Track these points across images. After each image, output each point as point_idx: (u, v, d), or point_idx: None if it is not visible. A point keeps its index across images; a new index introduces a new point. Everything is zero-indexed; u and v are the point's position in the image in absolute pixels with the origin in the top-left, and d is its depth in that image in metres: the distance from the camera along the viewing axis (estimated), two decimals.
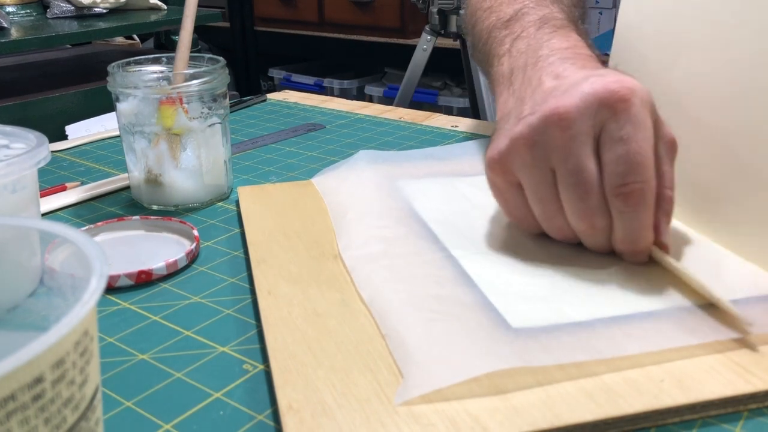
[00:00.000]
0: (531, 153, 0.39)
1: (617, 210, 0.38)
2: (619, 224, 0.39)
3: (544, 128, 0.38)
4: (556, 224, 0.41)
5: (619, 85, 0.37)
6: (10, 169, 0.36)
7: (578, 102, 0.37)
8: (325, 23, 2.32)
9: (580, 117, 0.37)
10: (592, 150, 0.38)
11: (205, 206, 0.56)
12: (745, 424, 0.31)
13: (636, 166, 0.37)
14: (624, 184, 0.37)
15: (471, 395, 0.31)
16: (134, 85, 0.52)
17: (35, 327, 0.26)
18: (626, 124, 0.37)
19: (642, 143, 0.37)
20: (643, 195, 0.37)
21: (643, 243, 0.39)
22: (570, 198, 0.39)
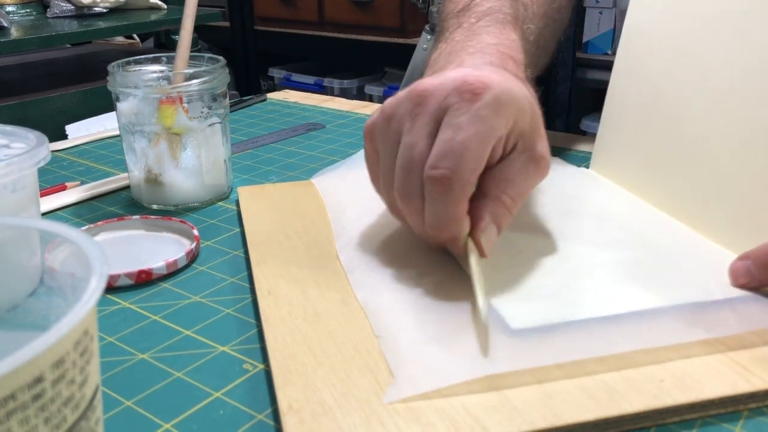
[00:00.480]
0: (389, 122, 0.40)
1: (427, 192, 0.38)
2: (427, 207, 0.38)
3: (403, 102, 0.39)
4: (390, 199, 0.41)
5: (476, 79, 0.37)
6: (10, 168, 0.36)
7: (437, 84, 0.38)
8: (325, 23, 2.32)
9: (432, 97, 0.38)
10: (431, 131, 0.38)
11: (205, 206, 0.56)
12: (745, 423, 0.31)
13: (452, 153, 0.37)
14: (435, 167, 0.37)
15: (470, 393, 0.31)
16: (134, 84, 0.52)
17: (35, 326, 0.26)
18: (464, 114, 0.37)
19: (471, 136, 0.37)
20: (450, 183, 0.37)
21: (447, 232, 0.39)
22: (398, 172, 0.39)
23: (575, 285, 0.39)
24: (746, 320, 0.35)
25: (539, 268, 0.41)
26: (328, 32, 2.32)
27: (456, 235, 0.39)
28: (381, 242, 0.44)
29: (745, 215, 0.42)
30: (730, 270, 0.39)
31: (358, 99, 0.96)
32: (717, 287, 0.38)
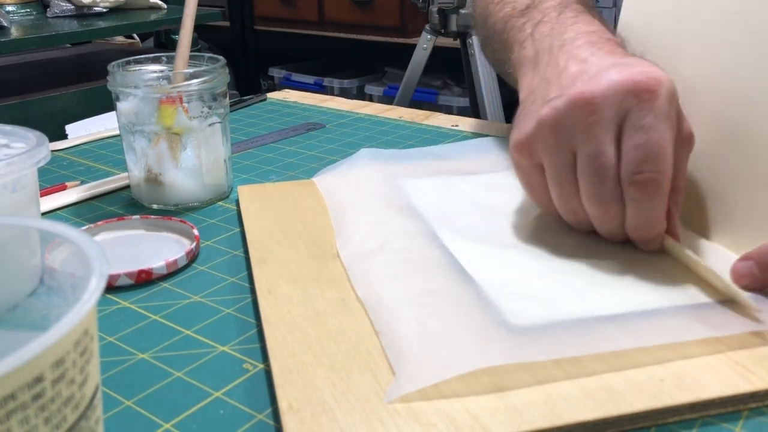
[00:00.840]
0: (555, 135, 0.40)
1: (631, 197, 0.39)
2: (632, 212, 0.39)
3: (570, 111, 0.39)
4: (571, 207, 0.42)
5: (646, 76, 0.38)
6: (10, 168, 0.36)
7: (605, 88, 0.38)
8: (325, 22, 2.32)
9: (605, 103, 0.38)
10: (614, 137, 0.38)
11: (205, 205, 0.56)
12: (746, 423, 0.31)
13: (653, 155, 0.37)
14: (639, 172, 0.38)
15: (470, 393, 0.31)
16: (134, 84, 0.52)
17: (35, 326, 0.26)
18: (649, 113, 0.37)
19: (662, 134, 0.37)
20: (658, 185, 0.38)
21: (655, 231, 0.40)
22: (586, 182, 0.40)
23: (576, 284, 0.39)
24: (746, 321, 0.35)
25: (540, 267, 0.41)
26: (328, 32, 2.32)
27: (661, 230, 0.40)
28: (381, 240, 0.44)
29: (745, 215, 0.42)
30: (732, 271, 0.38)
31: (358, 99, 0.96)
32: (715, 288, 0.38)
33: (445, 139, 0.71)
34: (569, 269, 0.41)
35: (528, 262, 0.42)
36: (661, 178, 0.38)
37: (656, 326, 0.35)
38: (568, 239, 0.44)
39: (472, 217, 0.48)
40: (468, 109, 1.76)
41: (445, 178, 0.55)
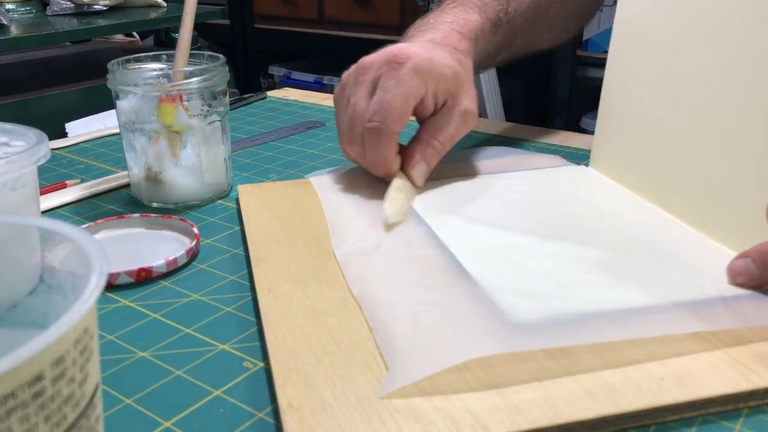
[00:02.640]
0: (342, 89, 0.53)
1: (366, 141, 0.50)
2: (366, 151, 0.51)
3: (352, 71, 0.52)
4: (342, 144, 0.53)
5: (401, 51, 0.49)
6: (10, 166, 0.36)
7: (374, 57, 0.50)
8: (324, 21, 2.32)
9: (370, 67, 0.50)
10: (369, 93, 0.50)
11: (205, 204, 0.56)
12: (745, 421, 0.31)
13: (381, 110, 0.48)
14: (370, 121, 0.49)
15: (468, 389, 0.31)
16: (134, 82, 0.52)
17: (35, 325, 0.26)
18: (391, 79, 0.48)
19: (396, 96, 0.48)
20: (380, 132, 0.49)
21: (382, 170, 0.51)
22: (345, 126, 0.52)
23: (570, 281, 0.39)
24: (741, 317, 0.35)
25: (537, 264, 0.41)
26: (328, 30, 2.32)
27: (389, 171, 0.51)
28: (377, 240, 0.44)
29: (743, 211, 0.42)
30: (729, 268, 0.39)
31: None
32: (712, 285, 0.38)
33: None
34: (564, 267, 0.41)
35: (523, 260, 0.42)
36: (382, 128, 0.48)
37: (649, 321, 0.35)
38: (563, 238, 0.44)
39: (468, 215, 0.48)
40: None
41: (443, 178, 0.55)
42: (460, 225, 0.46)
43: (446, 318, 0.35)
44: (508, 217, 0.48)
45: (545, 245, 0.44)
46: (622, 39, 0.54)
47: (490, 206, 0.50)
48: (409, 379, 0.31)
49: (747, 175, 0.42)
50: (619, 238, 0.44)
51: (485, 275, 0.40)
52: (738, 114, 0.43)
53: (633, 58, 0.52)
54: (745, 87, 0.42)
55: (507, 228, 0.46)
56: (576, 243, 0.43)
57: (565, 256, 0.42)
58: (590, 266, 0.41)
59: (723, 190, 0.44)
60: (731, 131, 0.43)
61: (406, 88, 0.48)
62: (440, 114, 0.51)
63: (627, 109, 0.53)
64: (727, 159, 0.43)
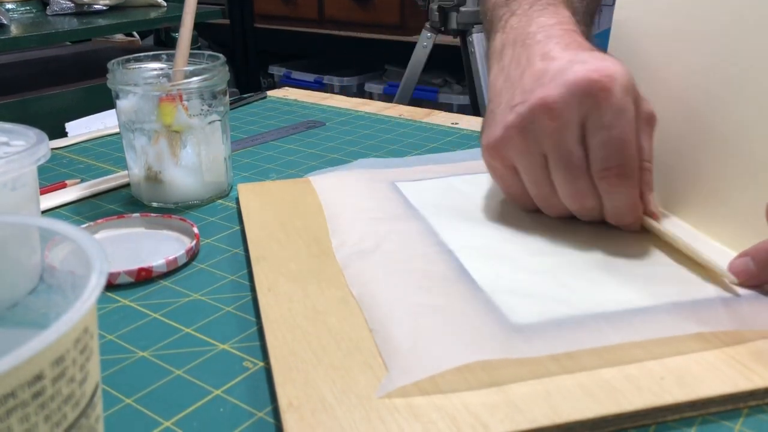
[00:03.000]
0: (523, 140, 0.42)
1: (604, 190, 0.42)
2: (608, 202, 0.43)
3: (534, 118, 0.41)
4: (551, 203, 0.45)
5: (599, 74, 0.40)
6: (10, 166, 0.36)
7: (563, 92, 0.40)
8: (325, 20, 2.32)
9: (566, 107, 0.40)
10: (579, 136, 0.41)
11: (205, 203, 0.56)
12: (745, 421, 0.31)
13: (617, 150, 0.40)
14: (607, 168, 0.41)
15: (469, 389, 0.31)
16: (134, 82, 0.52)
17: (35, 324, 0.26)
18: (607, 111, 0.40)
19: (623, 128, 0.40)
20: (625, 175, 0.41)
21: (632, 216, 0.44)
22: (561, 181, 0.43)
23: (570, 282, 0.39)
24: (740, 318, 0.35)
25: (535, 265, 0.41)
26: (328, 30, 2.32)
27: (639, 214, 0.44)
28: (377, 241, 0.44)
29: (742, 210, 0.42)
30: (729, 268, 0.39)
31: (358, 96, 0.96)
32: (712, 285, 0.38)
33: (445, 137, 0.71)
34: (564, 267, 0.41)
35: (523, 260, 0.42)
36: (626, 170, 0.41)
37: (649, 322, 0.35)
38: (563, 237, 0.44)
39: (468, 215, 0.48)
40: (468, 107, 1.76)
41: (443, 179, 0.55)
42: (459, 224, 0.46)
43: (446, 320, 0.35)
44: (508, 216, 0.48)
45: (545, 245, 0.44)
46: (619, 40, 0.54)
47: (489, 205, 0.50)
48: (408, 379, 0.31)
49: (746, 174, 0.42)
50: (619, 238, 0.44)
51: (485, 275, 0.40)
52: (736, 113, 0.43)
53: (630, 59, 0.52)
54: (743, 87, 0.42)
55: (507, 227, 0.46)
56: (576, 243, 0.43)
57: (565, 256, 0.42)
58: (590, 266, 0.41)
59: (722, 189, 0.44)
60: (730, 131, 0.43)
61: (629, 115, 0.40)
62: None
63: None
64: (726, 158, 0.43)
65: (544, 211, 0.46)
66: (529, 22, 0.47)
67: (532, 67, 0.43)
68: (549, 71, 0.42)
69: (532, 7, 0.49)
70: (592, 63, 0.40)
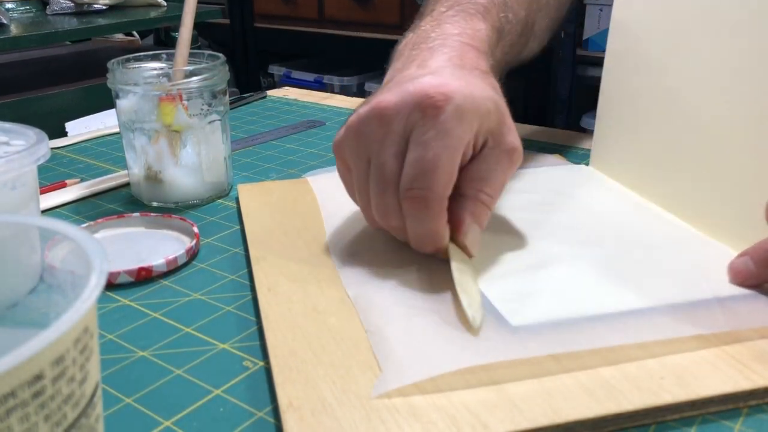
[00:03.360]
0: (356, 142, 0.40)
1: (405, 212, 0.39)
2: (408, 225, 0.40)
3: (368, 120, 0.39)
4: (368, 215, 0.42)
5: (437, 90, 0.37)
6: (10, 166, 0.36)
7: (397, 100, 0.38)
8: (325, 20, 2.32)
9: (396, 115, 0.38)
10: (400, 150, 0.38)
11: (205, 203, 0.56)
12: (745, 420, 0.31)
13: (425, 172, 0.37)
14: (410, 189, 0.38)
15: (469, 389, 0.31)
16: (134, 81, 0.52)
17: (35, 324, 0.26)
18: (430, 129, 0.37)
19: (438, 151, 0.37)
20: (426, 202, 0.38)
21: (430, 246, 0.40)
22: (372, 193, 0.40)
23: (566, 284, 0.39)
24: (736, 319, 0.35)
25: (532, 265, 0.41)
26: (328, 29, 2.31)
27: (439, 246, 0.40)
28: (371, 240, 0.44)
29: (742, 209, 0.42)
30: (729, 268, 0.39)
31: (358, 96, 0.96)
32: (708, 285, 0.38)
33: None
34: (561, 269, 0.41)
35: (519, 260, 0.42)
36: (428, 195, 0.37)
37: (645, 324, 0.35)
38: (561, 239, 0.44)
39: None
40: None
41: None
42: None
43: (440, 322, 0.35)
44: (505, 217, 0.48)
45: (542, 246, 0.44)
46: (618, 38, 0.54)
47: None
48: (402, 381, 0.31)
49: (745, 172, 0.42)
50: (617, 239, 0.44)
51: (481, 276, 0.40)
52: (736, 112, 0.43)
53: (630, 57, 0.52)
54: (742, 84, 0.42)
55: (504, 228, 0.46)
56: (574, 244, 0.43)
57: (562, 257, 0.42)
58: (587, 268, 0.41)
59: (722, 188, 0.44)
60: (729, 129, 0.43)
61: (452, 141, 0.37)
62: (482, 159, 0.40)
63: (626, 109, 0.53)
64: (725, 157, 0.43)
65: (366, 219, 0.43)
66: (434, 27, 0.46)
67: (407, 71, 0.41)
68: (404, 77, 0.40)
69: (446, 12, 0.47)
70: (441, 79, 0.38)
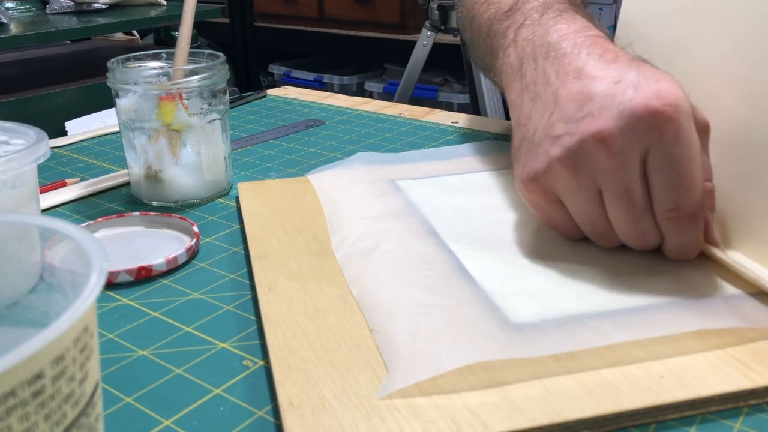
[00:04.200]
0: (574, 176, 0.38)
1: (668, 231, 0.39)
2: (672, 240, 0.39)
3: (587, 152, 0.37)
4: (607, 238, 0.41)
5: (661, 103, 0.35)
6: (10, 165, 0.36)
7: (621, 125, 0.36)
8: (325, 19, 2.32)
9: (626, 142, 0.36)
10: (640, 172, 0.37)
11: (204, 202, 0.56)
12: (745, 420, 0.31)
13: (686, 190, 0.36)
14: (675, 209, 0.37)
15: (469, 388, 0.31)
16: (134, 81, 0.52)
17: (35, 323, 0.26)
18: (674, 146, 0.36)
19: (690, 163, 0.36)
20: (692, 217, 0.37)
21: (695, 252, 0.40)
22: (620, 219, 0.39)
23: (571, 281, 0.39)
24: (742, 316, 0.35)
25: (536, 263, 0.41)
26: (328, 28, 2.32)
27: (702, 248, 0.40)
28: (377, 240, 0.44)
29: (746, 211, 0.42)
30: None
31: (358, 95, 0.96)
32: (713, 285, 0.38)
33: (445, 135, 0.71)
34: (564, 267, 0.41)
35: (523, 260, 0.42)
36: (694, 210, 0.37)
37: (649, 321, 0.35)
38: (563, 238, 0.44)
39: (468, 215, 0.48)
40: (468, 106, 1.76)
41: (442, 177, 0.55)
42: (459, 224, 0.46)
43: (446, 321, 0.35)
44: (508, 215, 0.48)
45: (545, 245, 0.43)
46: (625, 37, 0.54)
47: (490, 205, 0.50)
48: (409, 381, 0.31)
49: (751, 174, 0.42)
50: None
51: (485, 275, 0.40)
52: (743, 111, 0.43)
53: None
54: (750, 84, 0.42)
55: (507, 227, 0.46)
56: (576, 243, 0.43)
57: (564, 257, 0.42)
58: (590, 266, 0.41)
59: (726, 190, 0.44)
60: (735, 131, 0.43)
61: (695, 147, 0.36)
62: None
63: None
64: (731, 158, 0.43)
65: (598, 243, 0.42)
66: (546, 31, 0.43)
67: (567, 86, 0.38)
68: (594, 96, 0.37)
69: (544, 15, 0.44)
70: (646, 86, 0.36)
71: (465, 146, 0.63)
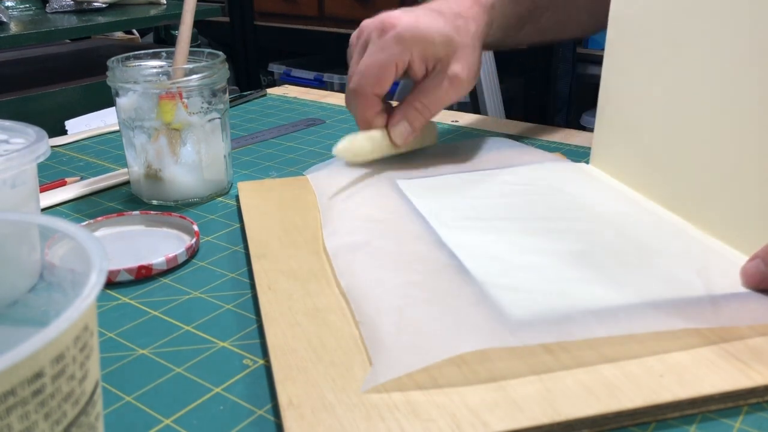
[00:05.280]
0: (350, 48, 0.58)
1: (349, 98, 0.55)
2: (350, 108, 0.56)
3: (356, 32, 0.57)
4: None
5: (389, 18, 0.53)
6: (10, 164, 0.36)
7: (371, 22, 0.55)
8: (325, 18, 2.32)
9: (365, 30, 0.55)
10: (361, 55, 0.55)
11: (204, 201, 0.56)
12: (745, 419, 0.31)
13: (360, 73, 0.54)
14: (350, 81, 0.55)
15: (466, 383, 0.31)
16: (134, 79, 0.52)
17: (35, 322, 0.26)
18: (374, 44, 0.54)
19: (373, 60, 0.53)
20: (357, 93, 0.54)
21: (364, 126, 0.55)
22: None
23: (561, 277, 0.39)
24: (726, 316, 0.35)
25: (525, 260, 0.41)
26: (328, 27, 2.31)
27: (369, 128, 0.55)
28: (367, 235, 0.44)
29: (744, 207, 0.42)
30: (742, 272, 0.38)
31: None
32: (701, 282, 0.38)
33: (445, 134, 0.71)
34: (553, 262, 0.41)
35: (512, 255, 0.42)
36: (358, 90, 0.54)
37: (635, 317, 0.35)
38: (559, 235, 0.44)
39: (464, 213, 0.48)
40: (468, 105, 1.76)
41: (441, 176, 0.55)
42: (455, 221, 0.46)
43: (431, 313, 0.35)
44: (501, 213, 0.48)
45: (536, 241, 0.43)
46: (617, 35, 0.54)
47: (483, 202, 0.50)
48: (392, 374, 0.31)
49: (747, 170, 0.42)
50: (616, 237, 0.44)
51: (477, 270, 0.39)
52: (737, 108, 0.43)
53: (629, 54, 0.52)
54: (743, 80, 0.42)
55: (499, 224, 0.46)
56: (568, 240, 0.43)
57: (555, 253, 0.42)
58: (583, 264, 0.41)
59: (724, 187, 0.44)
60: (731, 126, 0.43)
61: (385, 55, 0.53)
62: (428, 78, 0.55)
63: (625, 106, 0.53)
64: (727, 154, 0.43)
65: None
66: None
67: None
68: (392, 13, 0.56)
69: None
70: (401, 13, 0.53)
71: (465, 143, 0.63)
